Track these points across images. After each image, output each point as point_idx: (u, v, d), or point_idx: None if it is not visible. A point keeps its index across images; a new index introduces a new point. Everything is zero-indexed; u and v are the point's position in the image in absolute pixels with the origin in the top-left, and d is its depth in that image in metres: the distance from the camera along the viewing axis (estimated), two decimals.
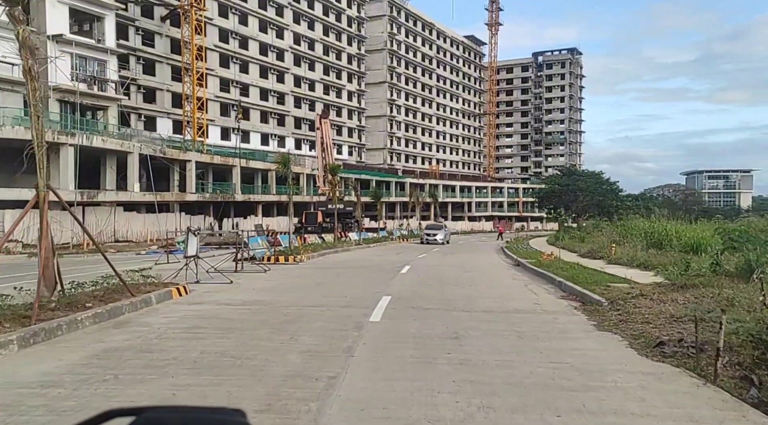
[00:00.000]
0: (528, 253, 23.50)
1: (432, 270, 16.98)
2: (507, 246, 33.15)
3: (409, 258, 22.45)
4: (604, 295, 9.96)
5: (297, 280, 13.45)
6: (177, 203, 43.45)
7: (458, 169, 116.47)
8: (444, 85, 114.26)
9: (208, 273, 13.77)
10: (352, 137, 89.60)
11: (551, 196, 66.22)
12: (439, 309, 9.19)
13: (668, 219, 55.24)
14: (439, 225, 42.73)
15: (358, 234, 34.90)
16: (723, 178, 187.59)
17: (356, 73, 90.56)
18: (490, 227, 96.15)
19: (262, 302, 9.80)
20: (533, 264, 17.72)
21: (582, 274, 13.38)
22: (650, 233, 24.65)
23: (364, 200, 63.63)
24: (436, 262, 20.61)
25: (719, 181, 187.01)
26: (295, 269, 15.79)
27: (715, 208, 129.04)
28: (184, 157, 43.44)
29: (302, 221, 42.59)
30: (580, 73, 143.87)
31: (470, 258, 23.75)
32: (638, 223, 51.14)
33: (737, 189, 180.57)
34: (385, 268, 17.15)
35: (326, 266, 17.35)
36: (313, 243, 26.60)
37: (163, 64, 58.84)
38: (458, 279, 14.21)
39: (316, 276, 14.24)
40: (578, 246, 28.66)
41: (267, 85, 72.26)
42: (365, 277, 14.10)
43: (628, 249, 20.90)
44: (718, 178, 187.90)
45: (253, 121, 70.28)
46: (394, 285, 12.28)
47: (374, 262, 19.58)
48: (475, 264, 19.91)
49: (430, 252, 29.26)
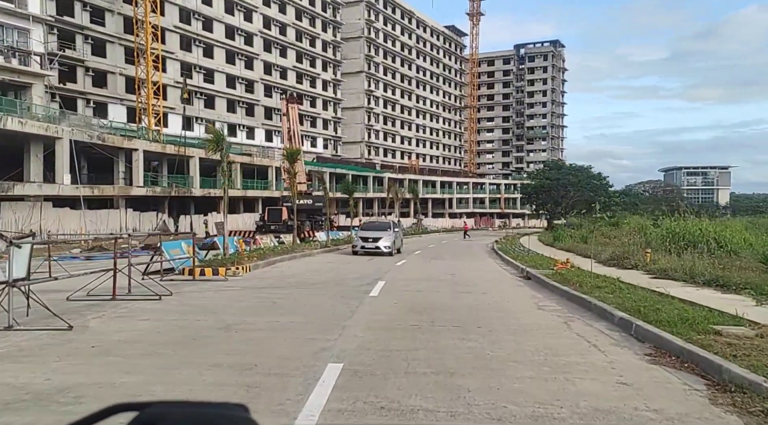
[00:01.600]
0: (534, 260, 18.84)
1: (414, 289, 12.13)
2: (500, 248, 28.56)
3: (383, 267, 17.59)
4: (742, 361, 5.27)
5: (192, 320, 7.96)
6: (123, 198, 38.05)
7: (438, 164, 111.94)
8: (424, 76, 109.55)
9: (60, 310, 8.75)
10: (327, 129, 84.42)
11: (539, 191, 61.87)
12: (436, 412, 4.39)
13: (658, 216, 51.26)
14: (383, 224, 27.58)
15: (327, 234, 29.71)
16: (701, 174, 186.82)
17: (332, 61, 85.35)
18: (472, 224, 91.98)
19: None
20: (553, 278, 13.03)
21: (646, 302, 8.71)
22: (678, 233, 20.21)
23: (339, 196, 58.69)
24: (419, 274, 15.77)
25: (697, 178, 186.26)
26: (213, 292, 10.68)
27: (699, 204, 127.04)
28: (130, 145, 37.97)
29: (264, 218, 37.50)
30: (562, 67, 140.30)
31: (462, 266, 18.99)
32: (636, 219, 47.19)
33: (715, 185, 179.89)
34: (348, 287, 12.26)
35: (266, 284, 12.44)
36: (264, 248, 21.57)
37: (115, 45, 53.17)
38: (456, 309, 9.39)
39: (235, 308, 9.10)
40: (585, 248, 24.14)
41: (234, 71, 66.81)
42: (313, 308, 9.11)
43: (669, 257, 16.37)
44: (696, 175, 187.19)
45: (219, 110, 64.80)
46: (354, 329, 7.26)
47: (337, 276, 14.65)
48: (471, 277, 15.13)
49: (411, 255, 24.48)
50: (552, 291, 11.95)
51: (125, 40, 52.94)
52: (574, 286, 11.49)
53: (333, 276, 14.61)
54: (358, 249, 23.55)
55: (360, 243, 23.70)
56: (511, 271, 17.32)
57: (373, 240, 23.46)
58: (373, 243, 23.30)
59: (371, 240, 23.42)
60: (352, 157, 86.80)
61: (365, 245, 23.29)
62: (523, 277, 15.16)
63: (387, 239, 23.58)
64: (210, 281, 12.69)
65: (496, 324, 7.98)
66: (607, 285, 11.22)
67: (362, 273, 15.32)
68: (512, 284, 13.59)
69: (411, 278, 14.34)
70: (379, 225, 27.26)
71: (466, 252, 28.94)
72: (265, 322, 7.76)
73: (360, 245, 23.55)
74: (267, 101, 70.86)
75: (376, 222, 29.88)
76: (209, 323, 7.63)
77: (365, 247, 23.30)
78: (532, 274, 14.76)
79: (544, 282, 13.06)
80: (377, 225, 26.82)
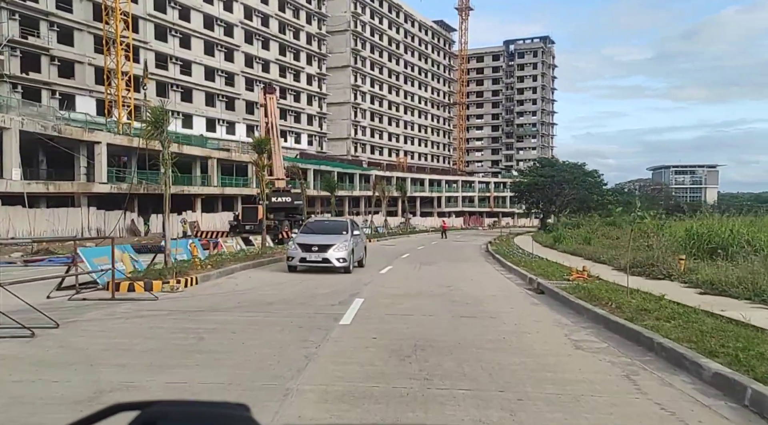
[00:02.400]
0: (540, 266, 16.09)
1: (401, 311, 9.27)
2: (496, 250, 25.87)
3: (364, 277, 14.77)
4: None
5: (40, 386, 4.86)
6: (84, 196, 34.88)
7: (427, 162, 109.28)
8: (412, 71, 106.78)
9: None
10: (312, 125, 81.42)
11: (533, 189, 59.26)
12: None
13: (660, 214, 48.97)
14: (335, 225, 18.98)
15: None
16: (689, 173, 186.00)
17: (317, 54, 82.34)
18: (461, 223, 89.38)
19: None
20: (575, 293, 10.29)
21: (735, 340, 6.00)
22: (702, 235, 17.59)
23: (324, 194, 55.73)
24: (407, 286, 12.92)
25: (685, 176, 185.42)
26: (124, 320, 7.39)
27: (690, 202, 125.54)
28: (91, 138, 34.76)
29: (239, 218, 34.51)
30: (552, 63, 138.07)
31: (458, 275, 16.20)
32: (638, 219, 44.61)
33: (703, 184, 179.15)
34: (314, 308, 9.31)
35: (206, 305, 9.48)
36: (226, 253, 18.56)
37: (84, 33, 49.92)
38: (460, 348, 6.55)
39: (135, 352, 6.17)
40: (593, 251, 21.50)
41: (213, 63, 63.67)
42: (251, 351, 5.81)
43: (702, 264, 13.71)
44: (684, 174, 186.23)
45: (197, 104, 61.64)
46: (301, 402, 4.30)
47: (304, 290, 11.60)
48: (471, 290, 12.31)
49: (398, 260, 21.67)
50: (579, 312, 9.18)
51: (95, 27, 49.68)
52: (610, 308, 8.75)
53: (299, 291, 11.74)
54: (296, 264, 16.06)
55: (298, 253, 15.92)
56: (517, 281, 14.56)
57: (320, 249, 15.82)
58: (320, 253, 15.74)
59: (316, 250, 15.82)
60: (338, 154, 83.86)
61: (307, 257, 15.82)
62: (534, 290, 12.40)
63: (341, 247, 15.94)
64: (133, 301, 9.76)
65: (524, 382, 5.18)
66: (654, 306, 8.49)
67: (337, 286, 12.46)
68: (524, 301, 10.80)
69: (397, 293, 11.50)
70: (329, 225, 18.84)
71: (459, 255, 26.18)
72: (162, 385, 4.89)
73: (299, 257, 15.90)
74: (248, 95, 67.75)
75: (326, 221, 20.92)
76: (66, 392, 4.72)
77: (307, 261, 15.85)
78: (545, 287, 12.01)
79: (564, 299, 10.31)
80: (327, 226, 18.56)
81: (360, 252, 17.95)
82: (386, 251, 27.07)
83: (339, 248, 15.95)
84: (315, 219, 18.90)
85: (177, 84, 58.61)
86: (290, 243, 17.59)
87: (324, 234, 17.07)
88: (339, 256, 15.81)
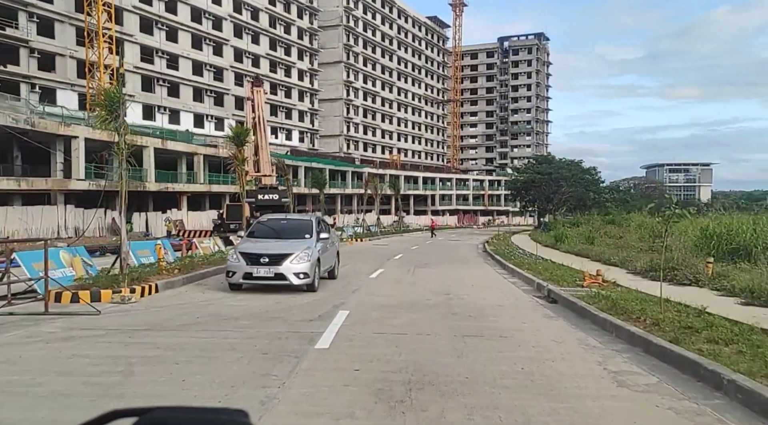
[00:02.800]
0: (547, 269, 14.56)
1: (392, 328, 7.62)
2: (494, 250, 24.37)
3: (351, 283, 13.20)
4: None
5: None
6: (61, 193, 33.13)
7: (421, 160, 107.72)
8: (405, 68, 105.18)
9: None
10: (303, 121, 79.68)
11: (529, 186, 57.76)
12: None
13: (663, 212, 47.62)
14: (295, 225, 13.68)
15: None
16: (683, 171, 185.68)
17: (308, 49, 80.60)
18: (455, 222, 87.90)
19: None
20: (596, 304, 8.77)
21: None
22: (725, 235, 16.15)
23: (315, 192, 54.08)
24: (399, 295, 11.26)
25: (679, 175, 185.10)
26: (44, 344, 5.55)
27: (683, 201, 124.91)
28: (68, 132, 33.00)
29: (223, 216, 32.84)
30: (546, 60, 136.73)
31: (456, 279, 14.63)
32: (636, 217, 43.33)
33: (697, 182, 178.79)
34: (287, 324, 7.81)
35: (156, 322, 7.83)
36: (198, 255, 16.88)
37: (65, 25, 48.07)
38: (467, 384, 5.01)
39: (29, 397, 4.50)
40: (599, 252, 20.03)
41: (201, 57, 61.85)
42: (191, 391, 4.70)
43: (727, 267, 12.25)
44: (678, 172, 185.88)
45: (184, 99, 59.81)
46: None
47: (279, 302, 9.78)
48: (473, 300, 10.70)
49: (390, 261, 20.09)
50: (606, 329, 7.65)
51: (77, 19, 47.84)
52: (644, 324, 7.23)
53: (274, 301, 10.08)
54: (239, 281, 11.64)
55: (241, 267, 11.46)
56: (523, 287, 13.01)
57: (271, 260, 11.42)
58: (271, 266, 11.34)
59: (266, 262, 11.42)
60: (330, 151, 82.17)
61: (254, 272, 11.39)
62: (544, 298, 10.87)
63: (301, 258, 11.51)
64: (69, 316, 8.12)
65: None
66: (699, 323, 6.96)
67: (319, 295, 10.88)
68: (536, 314, 9.24)
69: (389, 303, 9.91)
70: (287, 226, 13.55)
71: (455, 256, 24.63)
72: None
73: (242, 272, 11.46)
74: (238, 90, 65.87)
75: (283, 220, 14.40)
76: None
77: (254, 277, 11.47)
78: (557, 294, 10.47)
79: (583, 311, 8.76)
80: (284, 228, 13.41)
81: (330, 260, 13.53)
82: (378, 252, 25.49)
83: (299, 258, 11.31)
84: (269, 217, 14.20)
85: (164, 78, 56.79)
86: (231, 252, 12.46)
87: (279, 239, 12.48)
88: (298, 270, 11.20)
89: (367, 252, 24.74)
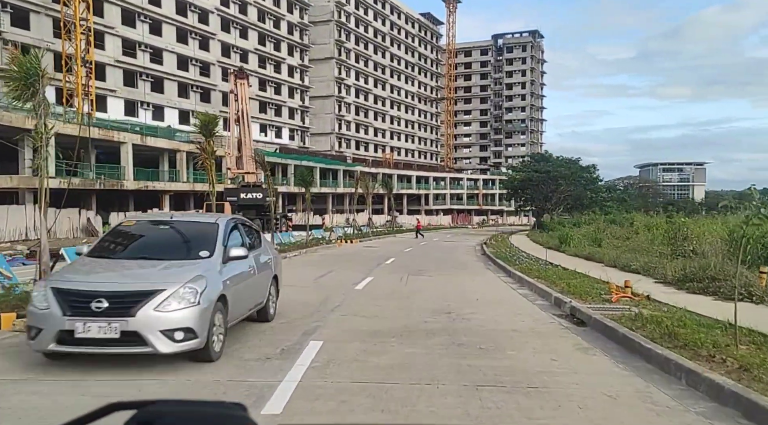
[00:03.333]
0: (562, 278, 12.58)
1: (376, 373, 5.48)
2: (494, 253, 22.45)
3: (333, 297, 11.18)
4: None
5: None
6: (30, 191, 30.96)
7: (414, 158, 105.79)
8: (398, 65, 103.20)
9: None
10: (293, 119, 77.54)
11: (526, 185, 55.90)
12: None
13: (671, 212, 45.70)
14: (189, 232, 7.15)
15: (272, 237, 22.36)
16: (677, 170, 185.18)
17: (299, 45, 78.47)
18: (449, 221, 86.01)
19: None
20: (642, 330, 6.80)
21: None
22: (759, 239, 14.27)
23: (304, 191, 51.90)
24: (390, 314, 9.20)
25: (673, 174, 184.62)
26: None
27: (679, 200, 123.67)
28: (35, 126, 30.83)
29: None
30: (541, 58, 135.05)
31: (457, 291, 12.62)
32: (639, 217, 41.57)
33: (691, 182, 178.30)
34: (228, 376, 5.46)
35: (36, 362, 5.49)
36: None
37: (41, 16, 45.81)
38: None
39: None
40: (615, 257, 18.10)
41: (187, 51, 59.65)
42: None
43: None
44: (672, 171, 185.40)
45: (169, 94, 57.59)
46: None
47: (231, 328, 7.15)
48: (483, 322, 8.70)
49: (380, 268, 18.09)
50: (668, 371, 5.66)
51: (53, 10, 45.57)
52: (728, 369, 5.27)
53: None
54: (49, 348, 5.55)
55: (54, 318, 5.48)
56: (536, 300, 11.03)
57: (114, 305, 5.54)
58: (113, 318, 5.48)
59: (104, 307, 5.48)
60: (322, 150, 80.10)
61: (78, 330, 5.41)
62: (566, 318, 8.89)
63: (178, 297, 5.74)
64: None
65: None
66: None
67: (289, 316, 8.86)
68: (564, 344, 7.22)
69: (375, 328, 7.89)
70: (169, 237, 7.36)
71: (453, 259, 22.64)
72: None
73: (54, 331, 5.46)
74: (225, 86, 63.37)
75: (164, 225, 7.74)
76: None
77: (76, 338, 5.43)
78: (585, 314, 8.48)
79: (627, 342, 6.77)
80: (163, 239, 7.31)
81: (257, 292, 7.79)
82: (368, 255, 23.46)
83: (174, 299, 5.75)
84: (140, 219, 9.40)
85: (147, 73, 54.56)
86: (36, 288, 6.27)
87: (147, 260, 6.62)
88: (171, 324, 5.65)
89: (356, 256, 22.71)
